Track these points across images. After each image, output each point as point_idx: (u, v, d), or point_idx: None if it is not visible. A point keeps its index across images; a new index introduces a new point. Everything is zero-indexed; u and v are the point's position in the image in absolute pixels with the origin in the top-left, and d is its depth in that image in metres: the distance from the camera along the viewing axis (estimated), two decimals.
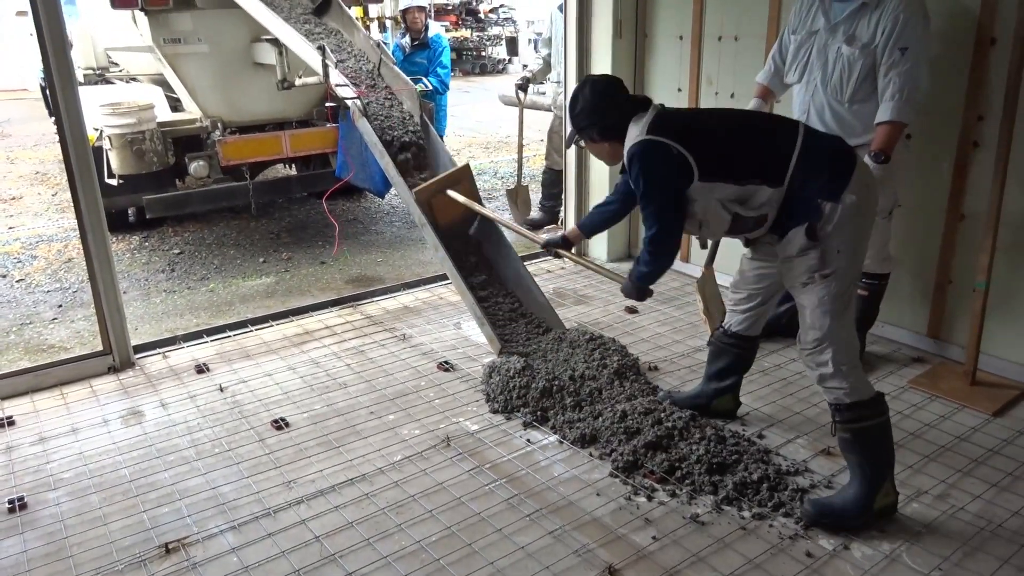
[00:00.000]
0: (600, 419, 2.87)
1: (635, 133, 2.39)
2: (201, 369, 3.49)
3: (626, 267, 4.75)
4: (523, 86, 5.86)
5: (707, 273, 3.61)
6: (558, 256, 3.18)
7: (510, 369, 3.13)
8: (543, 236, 3.20)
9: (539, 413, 2.98)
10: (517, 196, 5.85)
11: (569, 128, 2.66)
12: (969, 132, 3.14)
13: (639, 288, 2.71)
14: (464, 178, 3.56)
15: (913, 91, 2.80)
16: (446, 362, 3.51)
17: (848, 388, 2.29)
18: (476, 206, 3.58)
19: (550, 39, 5.81)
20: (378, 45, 4.69)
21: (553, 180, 6.09)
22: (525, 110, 5.98)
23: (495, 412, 3.05)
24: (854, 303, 2.37)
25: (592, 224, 3.07)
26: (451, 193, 3.51)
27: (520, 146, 6.03)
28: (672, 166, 2.32)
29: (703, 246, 2.85)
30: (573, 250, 3.14)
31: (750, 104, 3.33)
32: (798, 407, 3.06)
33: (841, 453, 2.42)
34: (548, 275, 4.68)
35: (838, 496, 2.39)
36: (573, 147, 4.75)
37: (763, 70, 3.31)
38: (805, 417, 2.99)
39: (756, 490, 2.49)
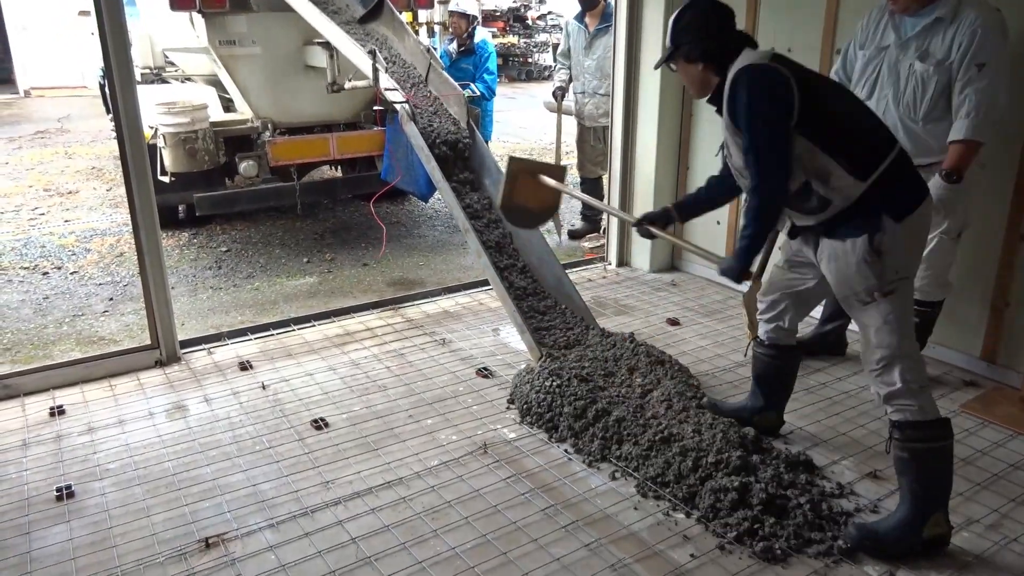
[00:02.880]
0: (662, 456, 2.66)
1: (748, 59, 2.23)
2: (244, 366, 3.54)
3: (669, 277, 4.72)
4: (559, 94, 5.85)
5: (755, 287, 3.54)
6: (650, 236, 2.76)
7: (571, 395, 2.98)
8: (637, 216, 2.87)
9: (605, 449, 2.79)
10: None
11: (666, 44, 2.41)
12: None
13: (741, 263, 2.35)
14: (557, 176, 3.36)
15: (991, 109, 2.69)
16: (485, 368, 3.51)
17: (917, 407, 2.21)
18: (574, 192, 3.52)
19: (568, 50, 5.80)
20: (427, 50, 4.73)
21: (590, 189, 6.05)
22: (564, 117, 5.97)
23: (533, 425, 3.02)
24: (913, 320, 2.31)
25: (691, 203, 2.78)
26: (544, 178, 3.25)
27: (558, 155, 5.99)
28: (784, 99, 2.15)
29: None
30: (671, 228, 2.76)
31: None
32: (844, 427, 2.99)
33: (896, 474, 2.31)
34: (589, 283, 4.65)
35: (884, 520, 2.32)
36: (619, 149, 4.72)
37: None
38: (851, 438, 2.92)
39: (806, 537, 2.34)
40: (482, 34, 6.47)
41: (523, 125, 12.16)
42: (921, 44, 2.81)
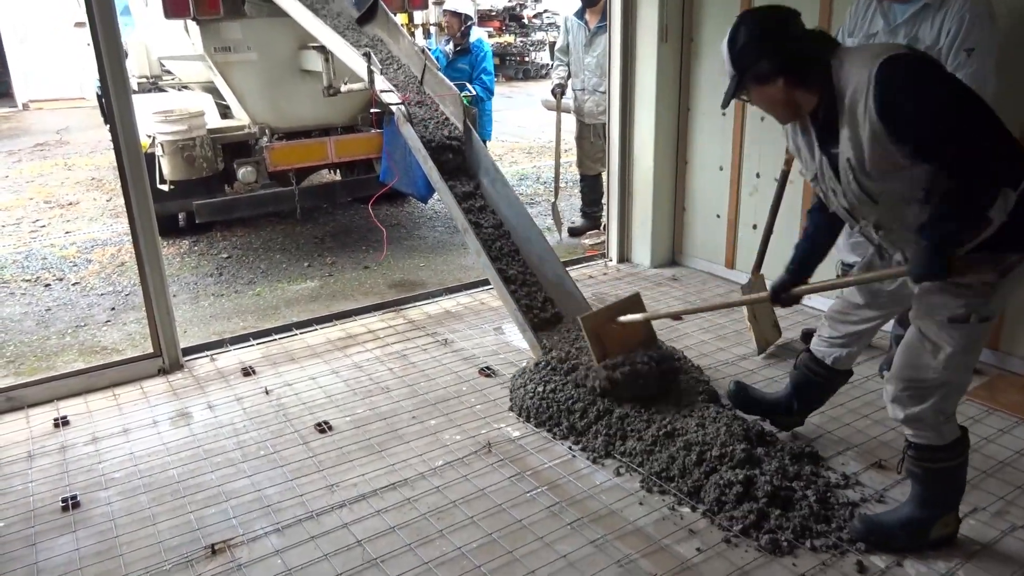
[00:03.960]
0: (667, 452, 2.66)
1: (875, 52, 1.87)
2: (247, 372, 3.55)
3: (670, 272, 4.71)
4: (559, 91, 5.80)
5: (754, 279, 3.54)
6: (797, 301, 2.45)
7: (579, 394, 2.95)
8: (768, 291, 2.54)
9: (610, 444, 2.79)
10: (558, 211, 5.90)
11: (729, 73, 2.09)
12: None
13: (941, 258, 1.86)
14: (635, 307, 3.10)
15: (980, 94, 2.69)
16: (487, 367, 3.51)
17: (936, 435, 2.11)
18: (661, 312, 3.32)
19: (567, 46, 5.75)
20: (423, 51, 4.72)
21: (590, 186, 6.04)
22: (564, 115, 5.96)
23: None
24: None
25: (802, 261, 2.43)
26: (624, 318, 3.02)
27: (558, 153, 5.98)
28: (949, 75, 1.84)
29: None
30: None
31: None
32: (847, 417, 2.98)
33: (908, 477, 2.26)
34: (591, 280, 4.65)
35: (891, 514, 2.28)
36: (617, 143, 4.72)
37: None
38: (855, 428, 2.91)
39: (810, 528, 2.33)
40: (478, 33, 6.45)
41: (521, 124, 12.16)
42: (910, 31, 2.79)
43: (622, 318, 3.01)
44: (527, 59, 19.86)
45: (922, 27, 2.76)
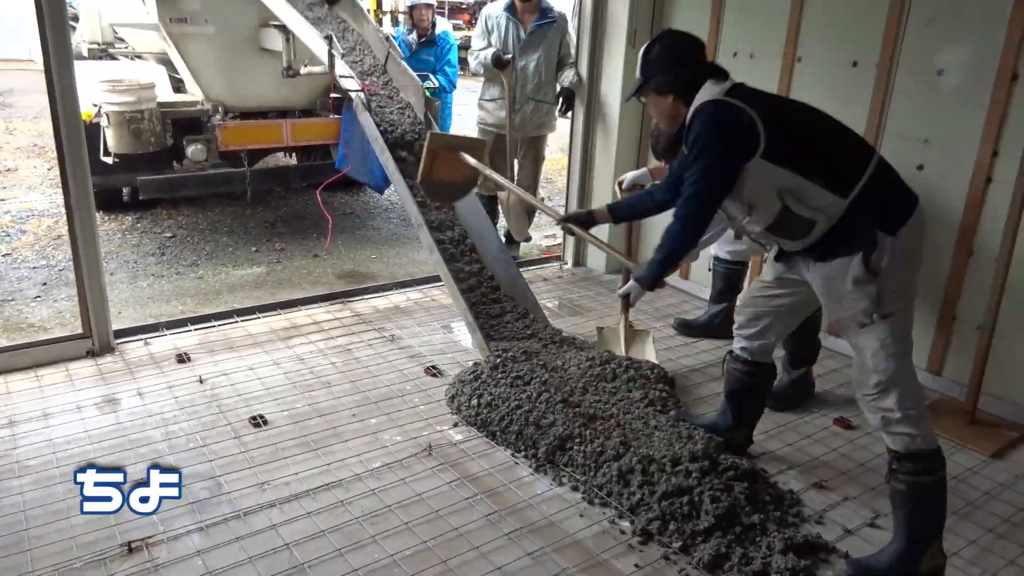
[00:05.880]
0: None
1: (709, 94, 2.25)
2: (182, 359, 3.40)
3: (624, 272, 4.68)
4: (506, 60, 4.60)
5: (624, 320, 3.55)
6: (572, 233, 3.08)
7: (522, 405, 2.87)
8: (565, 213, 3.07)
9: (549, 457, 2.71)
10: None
11: (637, 76, 2.43)
12: (983, 167, 3.06)
13: (655, 274, 2.54)
14: (478, 150, 3.43)
15: None
16: (434, 367, 3.43)
17: (917, 434, 2.14)
18: (488, 171, 3.43)
19: (489, 47, 4.69)
20: (387, 39, 4.61)
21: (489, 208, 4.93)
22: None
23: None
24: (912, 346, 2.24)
25: (627, 207, 2.97)
26: (464, 155, 3.32)
27: (510, 124, 4.76)
28: (739, 136, 2.17)
29: (737, 234, 2.85)
30: (593, 230, 3.00)
31: None
32: (789, 437, 2.98)
33: (891, 506, 2.26)
34: (544, 283, 4.60)
35: (880, 557, 2.24)
36: (580, 151, 4.66)
37: None
38: (795, 448, 2.91)
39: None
40: (443, 26, 6.37)
41: None
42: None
43: (463, 154, 3.30)
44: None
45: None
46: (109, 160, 5.08)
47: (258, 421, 2.91)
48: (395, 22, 11.64)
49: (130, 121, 4.97)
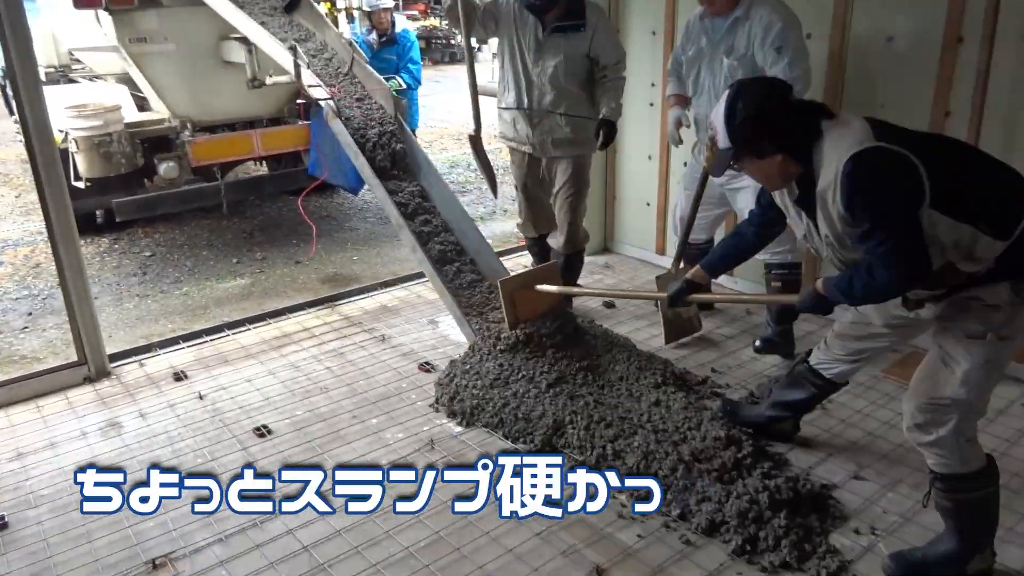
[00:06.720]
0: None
1: (849, 142, 1.90)
2: (179, 376, 3.46)
3: (603, 260, 4.79)
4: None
5: (673, 272, 3.64)
6: (687, 305, 2.95)
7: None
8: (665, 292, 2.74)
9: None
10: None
11: (721, 144, 2.07)
12: (937, 128, 3.20)
13: (829, 304, 2.13)
14: (551, 276, 3.35)
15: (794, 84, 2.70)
16: (427, 363, 3.52)
17: (959, 460, 2.05)
18: (571, 290, 3.54)
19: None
20: (350, 44, 4.65)
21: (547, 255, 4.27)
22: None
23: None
24: None
25: (721, 261, 2.61)
26: (540, 287, 3.27)
27: (477, 121, 3.76)
28: (914, 182, 1.84)
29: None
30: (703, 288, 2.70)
31: (671, 114, 3.48)
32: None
33: (939, 514, 2.18)
34: (524, 269, 4.67)
35: (927, 551, 2.19)
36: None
37: (671, 82, 3.55)
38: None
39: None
40: (402, 23, 6.40)
41: (450, 109, 12.08)
42: (728, 42, 3.16)
43: (539, 287, 3.27)
44: (454, 42, 19.66)
45: (736, 37, 3.13)
46: (81, 185, 5.08)
47: (262, 431, 2.99)
48: (350, 19, 11.63)
49: (99, 145, 4.98)
